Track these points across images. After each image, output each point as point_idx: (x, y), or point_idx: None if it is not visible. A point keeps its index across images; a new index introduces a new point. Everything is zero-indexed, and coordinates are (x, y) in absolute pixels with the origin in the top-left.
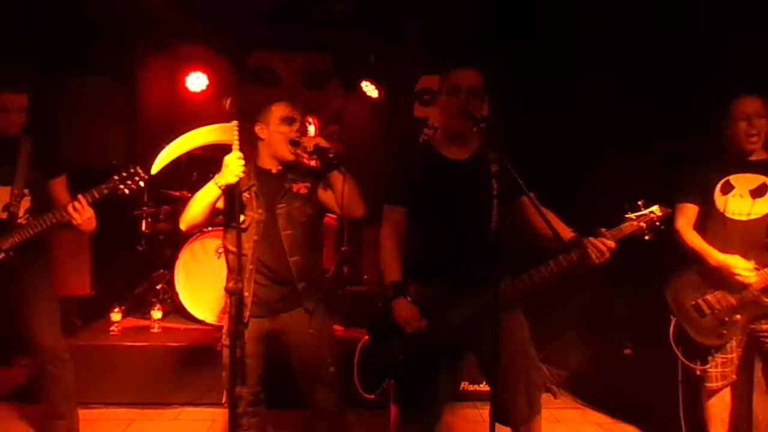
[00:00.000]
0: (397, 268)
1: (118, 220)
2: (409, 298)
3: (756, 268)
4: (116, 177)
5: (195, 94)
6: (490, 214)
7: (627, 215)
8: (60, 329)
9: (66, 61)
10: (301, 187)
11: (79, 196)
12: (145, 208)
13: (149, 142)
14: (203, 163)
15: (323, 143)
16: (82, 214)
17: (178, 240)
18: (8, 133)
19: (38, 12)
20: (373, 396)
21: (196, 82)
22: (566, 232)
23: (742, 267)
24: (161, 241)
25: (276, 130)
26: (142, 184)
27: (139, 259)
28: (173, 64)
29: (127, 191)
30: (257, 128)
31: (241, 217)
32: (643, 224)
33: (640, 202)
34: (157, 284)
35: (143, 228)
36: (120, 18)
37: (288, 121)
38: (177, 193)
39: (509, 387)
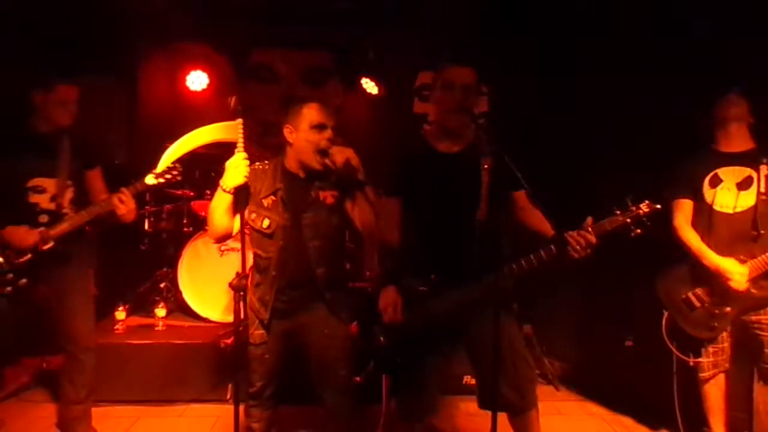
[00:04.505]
0: (395, 256)
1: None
2: (396, 288)
3: (743, 260)
4: (153, 173)
5: (196, 92)
6: (479, 206)
7: (614, 211)
8: (94, 320)
9: (66, 60)
10: (328, 196)
11: (123, 189)
12: (147, 207)
13: (151, 141)
14: (205, 162)
15: (354, 160)
16: (128, 204)
17: (180, 238)
18: (62, 125)
19: (38, 11)
20: (359, 378)
21: (197, 80)
22: (550, 231)
23: (736, 272)
24: (164, 240)
25: (305, 137)
26: (179, 177)
27: (142, 257)
28: (174, 62)
29: (163, 182)
30: (286, 131)
31: (266, 221)
32: (628, 220)
33: (628, 198)
34: (161, 282)
35: (146, 227)
36: (120, 17)
37: (319, 128)
38: (179, 192)
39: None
